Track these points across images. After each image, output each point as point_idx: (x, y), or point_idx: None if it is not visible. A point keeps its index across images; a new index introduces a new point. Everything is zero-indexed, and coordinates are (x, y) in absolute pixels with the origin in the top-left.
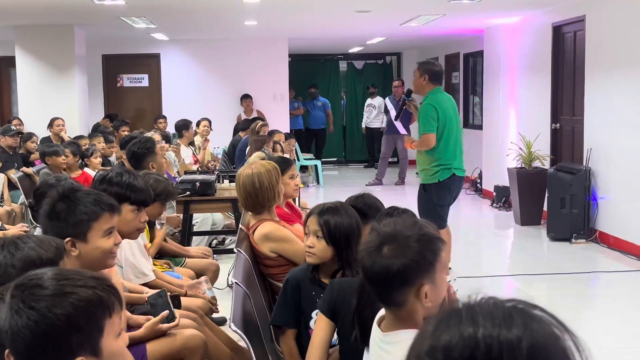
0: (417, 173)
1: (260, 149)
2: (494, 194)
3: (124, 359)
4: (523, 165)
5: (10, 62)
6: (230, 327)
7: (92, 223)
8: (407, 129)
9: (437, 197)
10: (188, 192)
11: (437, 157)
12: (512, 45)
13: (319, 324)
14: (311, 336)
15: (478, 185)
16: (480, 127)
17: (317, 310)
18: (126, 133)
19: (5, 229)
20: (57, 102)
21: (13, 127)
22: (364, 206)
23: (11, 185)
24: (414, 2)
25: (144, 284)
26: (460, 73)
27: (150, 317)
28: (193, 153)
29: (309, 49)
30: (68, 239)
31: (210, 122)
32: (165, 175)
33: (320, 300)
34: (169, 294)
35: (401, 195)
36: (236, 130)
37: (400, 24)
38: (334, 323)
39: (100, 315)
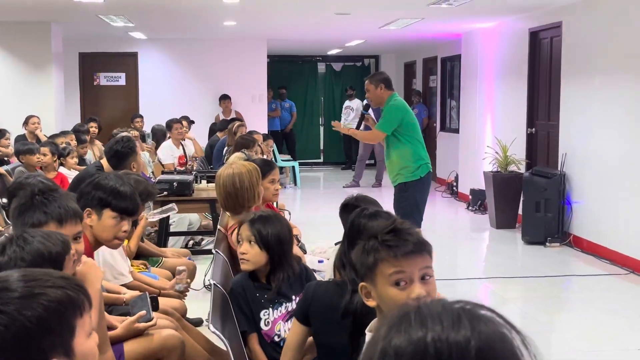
0: (395, 175)
1: (245, 150)
2: (470, 197)
3: (95, 357)
4: (499, 169)
5: None
6: (209, 327)
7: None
8: None
9: (419, 194)
10: (166, 192)
11: (414, 156)
12: (489, 50)
13: (293, 329)
14: (286, 339)
15: (454, 188)
16: (457, 131)
17: (265, 310)
18: (94, 129)
19: None
20: (33, 99)
21: None
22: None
23: None
24: (393, 6)
25: (122, 285)
26: (437, 77)
27: (127, 317)
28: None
29: (287, 50)
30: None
31: (187, 122)
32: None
33: (296, 306)
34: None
35: (378, 198)
36: (213, 131)
37: (379, 27)
38: (308, 327)
39: (71, 315)
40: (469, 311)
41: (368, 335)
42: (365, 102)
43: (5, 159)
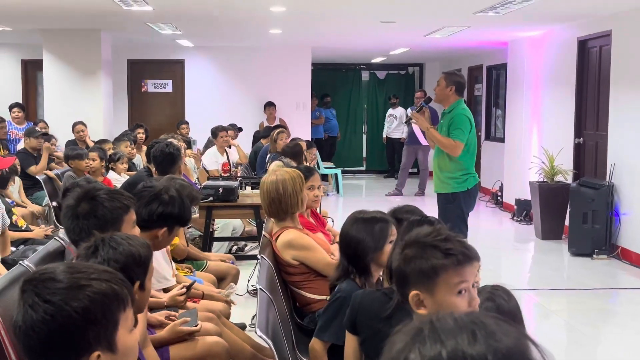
0: (442, 184)
1: (284, 157)
2: (515, 207)
3: (135, 355)
4: (545, 179)
5: (37, 65)
6: (255, 332)
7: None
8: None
9: (465, 205)
10: (211, 198)
11: (466, 166)
12: (536, 59)
13: (347, 340)
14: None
15: (499, 198)
16: (502, 140)
17: None
18: (141, 136)
19: (30, 230)
20: (82, 105)
21: (38, 130)
22: (402, 215)
23: (37, 187)
24: (439, 14)
25: (165, 289)
26: (483, 85)
27: (169, 312)
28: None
29: (331, 58)
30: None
31: (234, 131)
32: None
33: (345, 316)
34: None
35: (420, 206)
36: (257, 138)
37: (424, 35)
38: (358, 337)
39: (115, 309)
40: (483, 324)
41: None
42: (428, 95)
43: (53, 157)
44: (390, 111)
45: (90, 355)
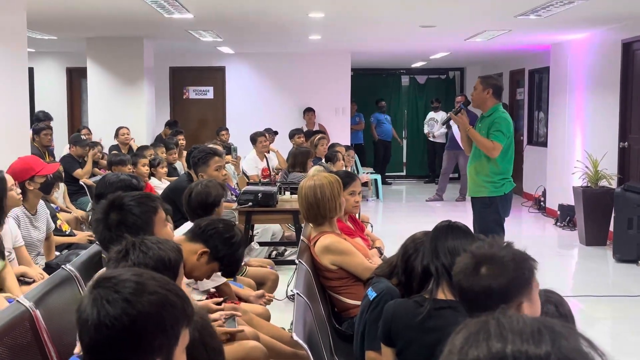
0: (478, 188)
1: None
2: (558, 212)
3: None
4: (589, 184)
5: (81, 73)
6: (292, 337)
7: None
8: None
9: (502, 210)
10: (250, 203)
11: (504, 170)
12: (579, 62)
13: (384, 354)
14: None
15: (541, 203)
16: (544, 144)
17: None
18: (182, 141)
19: (74, 234)
20: (125, 112)
21: (82, 137)
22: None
23: (81, 193)
24: (479, 18)
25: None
26: (525, 89)
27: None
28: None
29: (371, 63)
30: None
31: (270, 134)
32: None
33: (379, 328)
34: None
35: (462, 212)
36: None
37: (464, 39)
38: (394, 348)
39: (181, 323)
40: (550, 327)
41: None
42: (466, 98)
43: (98, 166)
44: (431, 114)
45: None
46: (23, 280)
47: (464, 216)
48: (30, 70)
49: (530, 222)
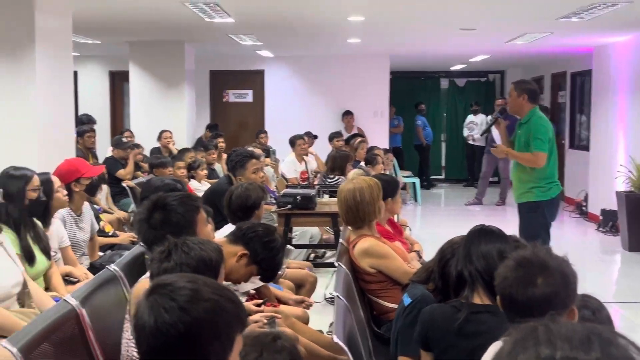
0: (524, 193)
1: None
2: (601, 217)
3: None
4: (633, 189)
5: (124, 76)
6: (332, 339)
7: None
8: None
9: (549, 215)
10: (289, 206)
11: (550, 174)
12: (622, 65)
13: (423, 358)
14: None
15: (584, 208)
16: (586, 148)
17: None
18: (222, 144)
19: (117, 235)
20: (166, 115)
21: (124, 139)
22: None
23: (123, 194)
24: (520, 20)
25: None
26: (567, 92)
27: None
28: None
29: (410, 66)
30: None
31: (309, 138)
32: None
33: (416, 334)
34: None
35: (501, 217)
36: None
37: (505, 42)
38: (432, 353)
39: (235, 329)
40: (599, 334)
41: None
42: (502, 106)
43: (141, 168)
44: (470, 117)
45: None
46: (68, 279)
47: (504, 220)
48: (75, 74)
49: (572, 226)
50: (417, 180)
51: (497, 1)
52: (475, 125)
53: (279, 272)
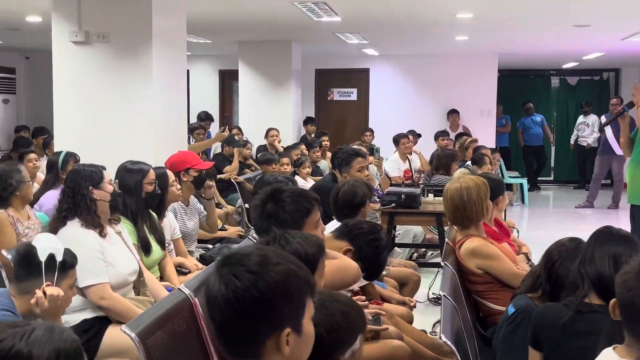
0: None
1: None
2: None
3: (312, 344)
4: None
5: (233, 75)
6: (440, 338)
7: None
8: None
9: None
10: (393, 204)
11: None
12: None
13: (531, 357)
14: None
15: None
16: None
17: None
18: (326, 143)
19: (225, 229)
20: (273, 113)
21: (236, 138)
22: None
23: (231, 189)
24: (638, 16)
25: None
26: None
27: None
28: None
29: (519, 63)
30: None
31: (413, 137)
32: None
33: (529, 333)
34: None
35: (614, 221)
36: None
37: (621, 39)
38: (542, 353)
39: (305, 292)
40: None
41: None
42: (630, 100)
43: (247, 163)
44: (581, 119)
45: (282, 331)
46: (180, 270)
47: (616, 225)
48: (187, 73)
49: None
50: (524, 181)
51: None
52: (586, 126)
53: (383, 272)
